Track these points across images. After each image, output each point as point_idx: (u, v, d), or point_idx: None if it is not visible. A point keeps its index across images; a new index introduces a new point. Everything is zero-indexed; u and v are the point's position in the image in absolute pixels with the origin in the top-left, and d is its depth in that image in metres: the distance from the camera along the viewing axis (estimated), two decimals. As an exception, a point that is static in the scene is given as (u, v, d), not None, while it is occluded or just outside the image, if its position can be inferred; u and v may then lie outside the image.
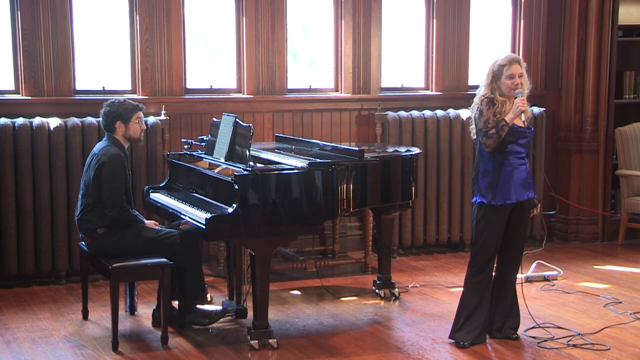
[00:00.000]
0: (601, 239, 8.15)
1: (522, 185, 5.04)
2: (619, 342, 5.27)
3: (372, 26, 7.49)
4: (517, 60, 5.06)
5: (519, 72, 5.01)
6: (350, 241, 7.49)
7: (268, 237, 5.05)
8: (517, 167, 5.03)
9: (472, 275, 5.16)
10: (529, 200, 5.12)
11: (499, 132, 4.95)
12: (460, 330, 5.17)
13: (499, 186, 5.00)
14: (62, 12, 6.57)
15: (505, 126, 4.95)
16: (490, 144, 4.98)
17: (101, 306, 5.90)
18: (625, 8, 8.08)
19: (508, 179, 5.00)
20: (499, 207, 5.03)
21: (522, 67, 5.05)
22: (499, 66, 5.04)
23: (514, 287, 5.27)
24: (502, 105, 5.00)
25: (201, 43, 7.30)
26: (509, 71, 5.00)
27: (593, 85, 7.97)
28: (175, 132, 6.89)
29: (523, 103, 4.95)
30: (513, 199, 5.02)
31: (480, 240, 5.12)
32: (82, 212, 5.36)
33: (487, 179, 5.04)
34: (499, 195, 5.01)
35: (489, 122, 4.98)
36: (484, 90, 5.10)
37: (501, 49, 8.08)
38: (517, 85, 4.99)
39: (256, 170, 5.07)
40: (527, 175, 5.08)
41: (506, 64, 5.02)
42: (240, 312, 5.64)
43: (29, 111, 6.51)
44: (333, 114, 7.44)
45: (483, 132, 5.00)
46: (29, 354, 5.03)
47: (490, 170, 5.03)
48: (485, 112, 5.01)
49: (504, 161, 5.01)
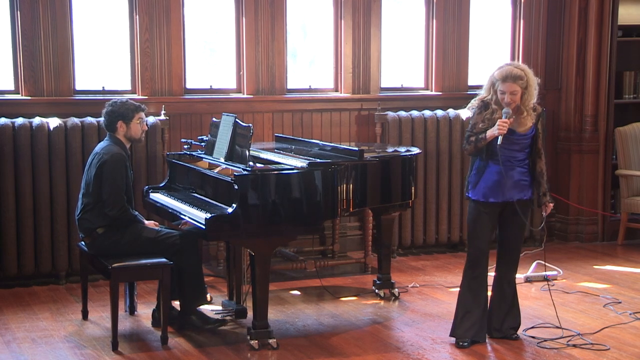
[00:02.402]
0: (601, 239, 8.15)
1: (514, 186, 5.02)
2: (618, 342, 5.27)
3: (372, 26, 7.49)
4: (512, 77, 4.88)
5: (512, 90, 4.87)
6: (350, 241, 7.49)
7: (268, 237, 5.05)
8: (513, 167, 5.01)
9: (466, 270, 5.19)
10: (524, 201, 5.10)
11: (476, 143, 4.95)
12: (459, 328, 5.18)
13: (486, 184, 5.01)
14: (62, 12, 6.57)
15: (483, 140, 4.92)
16: (468, 149, 5.03)
17: (101, 306, 5.90)
18: (625, 8, 8.08)
19: (496, 179, 4.99)
20: (484, 203, 5.04)
21: (520, 84, 4.88)
22: (495, 78, 4.95)
23: (514, 286, 5.27)
24: (494, 113, 4.96)
25: (201, 43, 7.30)
26: (501, 87, 4.90)
27: (593, 85, 7.97)
28: (175, 132, 6.89)
29: (503, 127, 4.83)
30: (500, 198, 5.02)
31: (471, 233, 5.17)
32: (82, 211, 5.36)
33: (476, 176, 5.06)
34: (482, 192, 5.03)
35: (475, 127, 4.99)
36: (484, 92, 5.06)
37: (501, 48, 8.10)
38: (507, 104, 4.89)
39: (256, 170, 5.07)
40: (521, 177, 5.05)
41: (500, 79, 4.91)
42: (240, 312, 5.64)
43: (28, 111, 6.51)
44: (333, 114, 7.44)
45: (467, 135, 5.03)
46: (28, 354, 5.03)
47: (480, 168, 5.04)
48: (475, 116, 5.02)
49: (495, 161, 4.99)
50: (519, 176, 5.04)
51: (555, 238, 8.24)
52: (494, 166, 5.00)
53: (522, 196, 5.07)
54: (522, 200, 5.09)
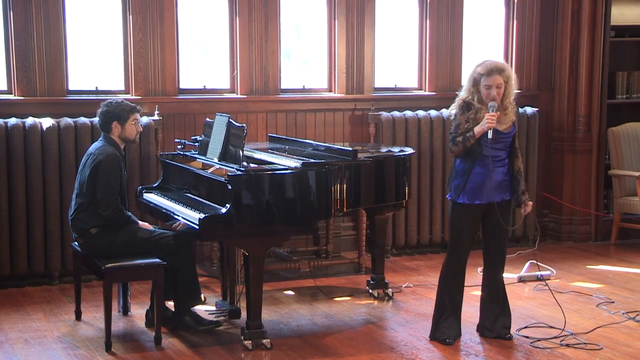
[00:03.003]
0: (594, 239, 8.17)
1: (497, 187, 5.03)
2: (611, 341, 5.28)
3: (366, 26, 7.49)
4: (497, 70, 4.92)
5: (498, 82, 4.91)
6: (343, 241, 7.49)
7: (261, 237, 5.05)
8: (494, 168, 5.01)
9: (447, 275, 5.21)
10: (506, 202, 5.11)
11: (464, 142, 4.95)
12: (437, 331, 5.23)
13: (472, 186, 5.02)
14: (55, 12, 6.55)
15: (472, 138, 4.93)
16: (455, 150, 5.01)
17: (94, 307, 5.88)
18: (618, 8, 8.09)
19: (481, 180, 5.00)
20: (468, 206, 5.05)
21: (505, 77, 4.93)
22: (478, 74, 4.97)
23: (503, 286, 5.27)
24: (477, 112, 4.96)
25: (194, 43, 7.30)
26: (487, 81, 4.92)
27: (586, 85, 7.98)
28: (169, 132, 6.88)
29: (492, 119, 4.85)
30: (484, 200, 5.03)
31: (452, 237, 5.19)
32: (76, 211, 5.35)
33: (462, 179, 5.05)
34: (468, 194, 5.03)
35: (460, 128, 4.99)
36: (464, 93, 5.07)
37: (494, 49, 8.11)
38: (493, 97, 4.91)
39: (250, 170, 5.06)
40: (503, 177, 5.06)
41: (485, 73, 4.93)
42: (233, 313, 5.64)
43: (21, 111, 6.49)
44: (326, 114, 7.44)
45: (452, 136, 5.02)
46: (21, 355, 5.02)
47: (465, 170, 5.04)
48: (458, 117, 5.01)
49: (477, 163, 5.00)
50: (501, 177, 5.05)
51: (549, 238, 8.26)
52: (478, 167, 5.01)
53: (504, 197, 5.09)
54: (505, 201, 5.10)
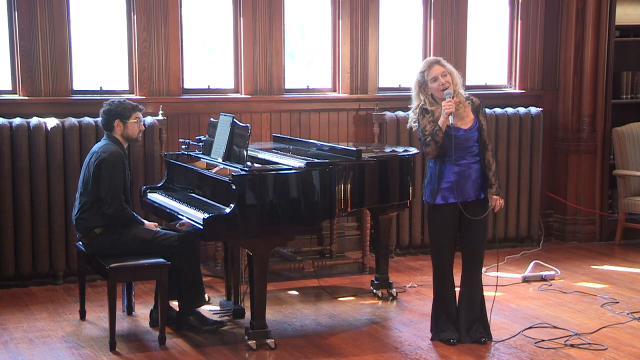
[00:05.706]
0: (598, 239, 8.16)
1: (472, 186, 5.06)
2: (616, 342, 5.27)
3: (370, 26, 7.49)
4: (436, 61, 5.08)
5: (441, 71, 5.02)
6: (347, 241, 7.49)
7: (266, 237, 5.05)
8: (468, 166, 5.05)
9: (437, 281, 5.25)
10: (480, 201, 5.11)
11: (434, 138, 4.98)
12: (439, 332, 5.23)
13: (446, 187, 5.04)
14: (60, 13, 6.56)
15: (439, 131, 4.97)
16: (430, 151, 5.05)
17: (99, 306, 5.89)
18: (623, 8, 8.08)
19: (455, 179, 5.01)
20: (444, 206, 5.07)
21: (446, 66, 5.05)
22: (420, 74, 5.09)
23: (479, 287, 5.23)
24: (434, 113, 5.04)
25: (199, 43, 7.30)
26: (431, 74, 5.04)
27: (590, 85, 7.97)
28: (173, 132, 6.89)
29: (449, 105, 4.92)
30: (460, 198, 5.04)
31: (431, 238, 5.23)
32: (80, 210, 5.36)
33: (436, 181, 5.08)
34: (444, 195, 5.05)
35: (426, 130, 5.04)
36: (415, 102, 5.17)
37: (498, 48, 8.10)
38: (445, 85, 4.99)
39: (254, 170, 5.07)
40: (477, 175, 5.07)
41: (426, 69, 5.07)
42: (237, 312, 5.64)
43: (26, 111, 6.50)
44: (331, 114, 7.44)
45: (422, 141, 5.08)
46: (26, 355, 5.03)
47: (438, 172, 5.07)
48: (421, 122, 5.09)
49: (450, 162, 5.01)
50: (475, 174, 5.07)
51: (553, 238, 8.25)
52: (450, 167, 5.03)
53: (480, 195, 5.11)
54: (479, 200, 5.11)
